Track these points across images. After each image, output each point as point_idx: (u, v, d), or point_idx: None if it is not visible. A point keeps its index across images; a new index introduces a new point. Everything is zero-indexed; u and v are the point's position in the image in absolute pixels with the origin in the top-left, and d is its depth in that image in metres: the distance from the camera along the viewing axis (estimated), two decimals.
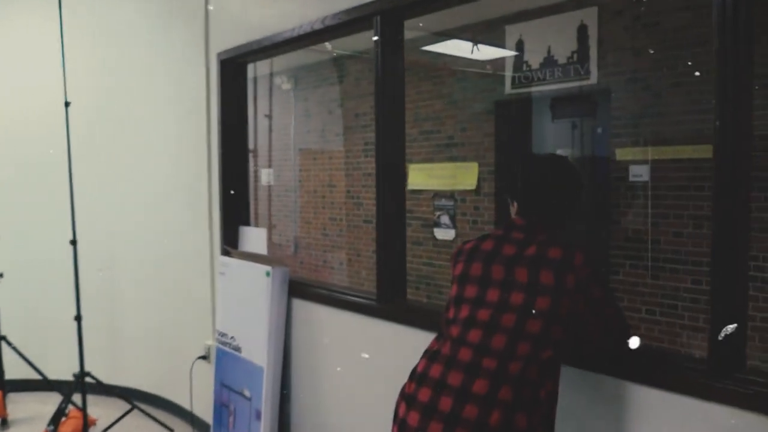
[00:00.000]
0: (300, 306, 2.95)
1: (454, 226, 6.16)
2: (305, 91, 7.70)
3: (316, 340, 2.86)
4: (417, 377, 1.67)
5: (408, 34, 2.53)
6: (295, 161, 7.87)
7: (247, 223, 3.53)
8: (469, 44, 5.57)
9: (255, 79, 3.83)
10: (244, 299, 3.13)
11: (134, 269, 4.31)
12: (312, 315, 2.88)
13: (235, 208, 3.49)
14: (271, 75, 7.50)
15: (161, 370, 4.15)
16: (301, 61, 7.44)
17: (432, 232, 6.26)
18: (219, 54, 3.37)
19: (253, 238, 3.40)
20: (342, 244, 7.39)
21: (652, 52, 4.67)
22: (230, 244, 3.44)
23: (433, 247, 6.13)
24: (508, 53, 5.54)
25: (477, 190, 5.97)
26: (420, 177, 6.02)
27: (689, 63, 4.32)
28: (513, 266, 1.64)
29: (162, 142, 4.06)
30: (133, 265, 4.31)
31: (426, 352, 1.73)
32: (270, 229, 7.94)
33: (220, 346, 3.30)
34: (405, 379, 1.72)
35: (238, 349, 3.15)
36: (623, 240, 4.67)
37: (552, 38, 5.30)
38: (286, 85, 7.84)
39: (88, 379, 3.58)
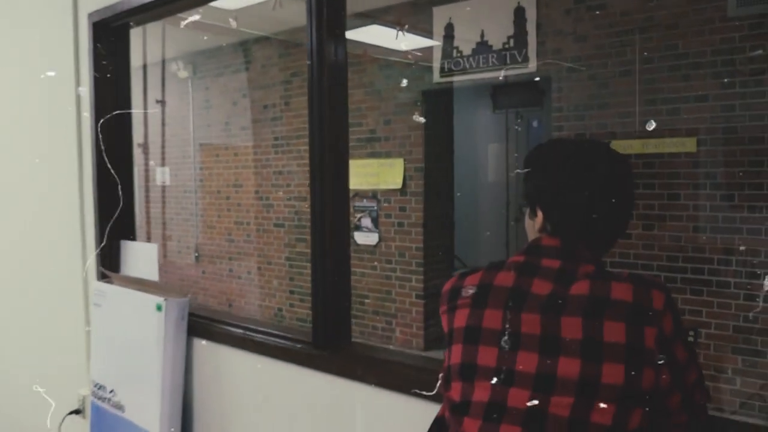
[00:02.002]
0: (205, 350, 2.20)
1: (377, 230, 5.65)
2: (205, 80, 6.91)
3: (227, 396, 2.13)
4: None
5: None
6: (195, 158, 7.02)
7: (132, 237, 2.73)
8: (392, 31, 5.00)
9: (144, 67, 3.06)
10: (128, 340, 2.34)
11: None
12: (222, 362, 2.14)
13: (117, 218, 2.67)
14: (164, 61, 6.62)
15: (19, 426, 3.24)
16: (199, 45, 6.64)
17: (352, 237, 5.65)
18: (90, 15, 2.55)
19: (141, 258, 2.61)
20: (250, 251, 6.63)
21: (597, 37, 4.27)
22: (110, 265, 2.62)
23: (354, 253, 5.51)
24: (435, 43, 5.01)
25: (403, 189, 5.47)
26: None
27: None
28: (555, 314, 1.02)
29: (11, 130, 3.15)
30: None
31: None
32: (164, 242, 7.03)
33: (97, 401, 2.49)
34: None
35: (120, 407, 2.36)
36: None
37: (485, 21, 4.85)
38: (183, 73, 7.01)
39: None
